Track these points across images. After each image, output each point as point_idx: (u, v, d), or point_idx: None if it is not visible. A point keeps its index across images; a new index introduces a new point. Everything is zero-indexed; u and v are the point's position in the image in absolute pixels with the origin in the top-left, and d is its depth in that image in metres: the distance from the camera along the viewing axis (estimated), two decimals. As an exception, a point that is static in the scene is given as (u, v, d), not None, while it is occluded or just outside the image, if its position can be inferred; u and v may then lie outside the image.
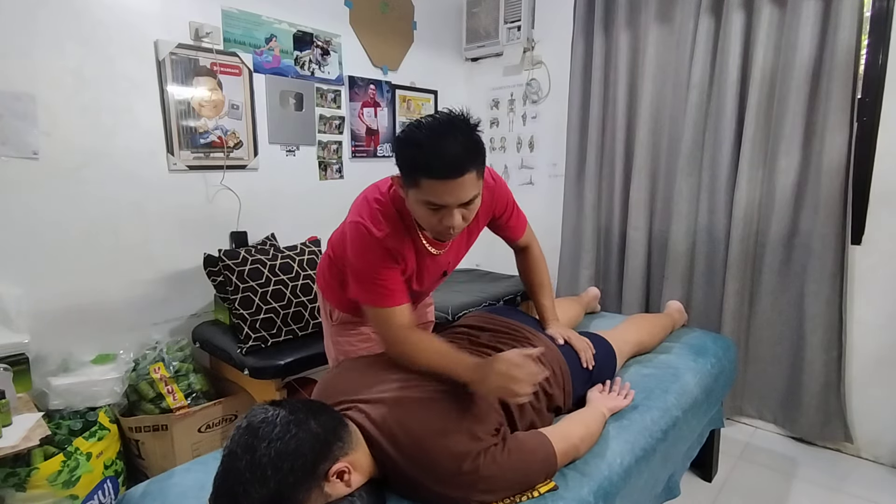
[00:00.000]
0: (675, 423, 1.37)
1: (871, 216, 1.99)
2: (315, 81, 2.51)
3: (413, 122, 1.08)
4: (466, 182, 1.04)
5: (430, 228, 1.14)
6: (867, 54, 1.93)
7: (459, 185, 1.04)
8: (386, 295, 1.18)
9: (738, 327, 2.24)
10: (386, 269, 1.18)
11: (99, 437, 1.65)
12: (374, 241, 1.16)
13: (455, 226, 1.09)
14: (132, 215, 1.98)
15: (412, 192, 1.08)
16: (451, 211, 1.07)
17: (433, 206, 1.07)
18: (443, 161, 1.01)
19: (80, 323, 1.87)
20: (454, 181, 1.03)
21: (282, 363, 1.82)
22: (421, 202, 1.07)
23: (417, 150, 1.03)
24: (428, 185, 1.04)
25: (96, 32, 1.83)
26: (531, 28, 2.91)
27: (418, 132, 1.04)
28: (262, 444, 0.82)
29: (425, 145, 1.02)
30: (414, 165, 1.05)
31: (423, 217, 1.11)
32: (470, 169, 1.04)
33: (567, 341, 1.43)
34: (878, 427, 2.04)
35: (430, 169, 1.02)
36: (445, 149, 1.01)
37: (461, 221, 1.10)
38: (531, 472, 1.01)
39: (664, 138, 2.43)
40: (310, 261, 2.11)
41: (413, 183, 1.06)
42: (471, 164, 1.04)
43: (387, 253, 1.17)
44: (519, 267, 1.58)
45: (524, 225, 1.49)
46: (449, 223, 1.08)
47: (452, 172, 1.02)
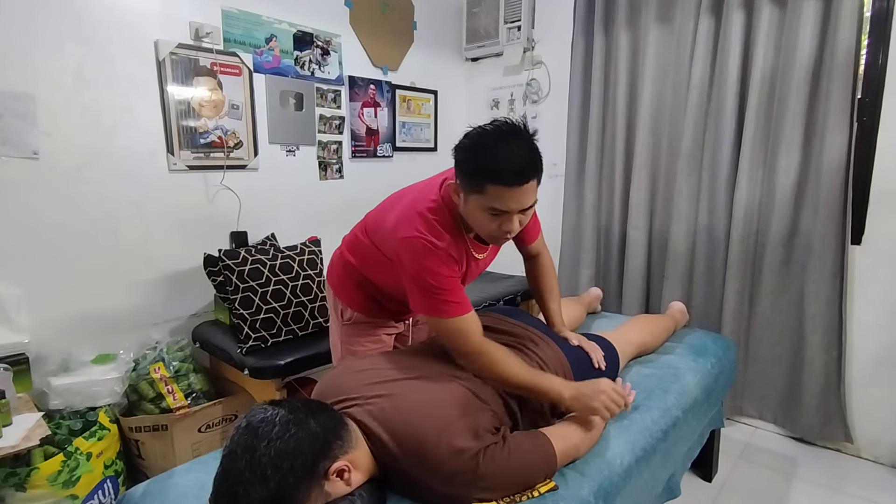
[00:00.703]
0: (676, 423, 1.37)
1: (871, 216, 1.99)
2: (315, 81, 2.51)
3: (476, 128, 1.10)
4: (529, 189, 1.07)
5: (487, 233, 1.16)
6: (867, 54, 1.93)
7: (523, 192, 1.06)
8: (457, 305, 1.17)
9: (738, 327, 2.24)
10: (451, 278, 1.17)
11: (99, 437, 1.65)
12: (440, 253, 1.15)
13: (513, 231, 1.12)
14: (132, 215, 1.98)
15: (474, 197, 1.09)
16: (511, 217, 1.10)
17: (495, 212, 1.09)
18: (511, 168, 1.03)
19: (80, 323, 1.87)
20: (519, 188, 1.05)
21: (282, 363, 1.82)
22: (483, 208, 1.09)
23: (485, 156, 1.05)
24: (494, 192, 1.05)
25: (96, 32, 1.83)
26: (531, 28, 2.91)
27: (485, 138, 1.07)
28: (262, 443, 0.82)
29: (494, 152, 1.05)
30: (481, 171, 1.06)
31: (482, 222, 1.12)
32: (533, 176, 1.07)
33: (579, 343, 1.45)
34: (878, 427, 2.04)
35: (499, 175, 1.04)
36: (512, 156, 1.04)
37: (518, 227, 1.13)
38: (531, 472, 1.01)
39: (664, 138, 2.43)
40: (310, 261, 2.11)
41: (477, 189, 1.07)
42: (534, 171, 1.07)
43: (451, 261, 1.17)
44: (528, 272, 1.59)
45: (538, 230, 1.50)
46: (508, 228, 1.11)
47: (519, 179, 1.04)
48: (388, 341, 1.52)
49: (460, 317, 1.16)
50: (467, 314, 1.17)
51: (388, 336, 1.52)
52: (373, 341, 1.47)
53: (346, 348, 1.50)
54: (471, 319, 1.18)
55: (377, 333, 1.47)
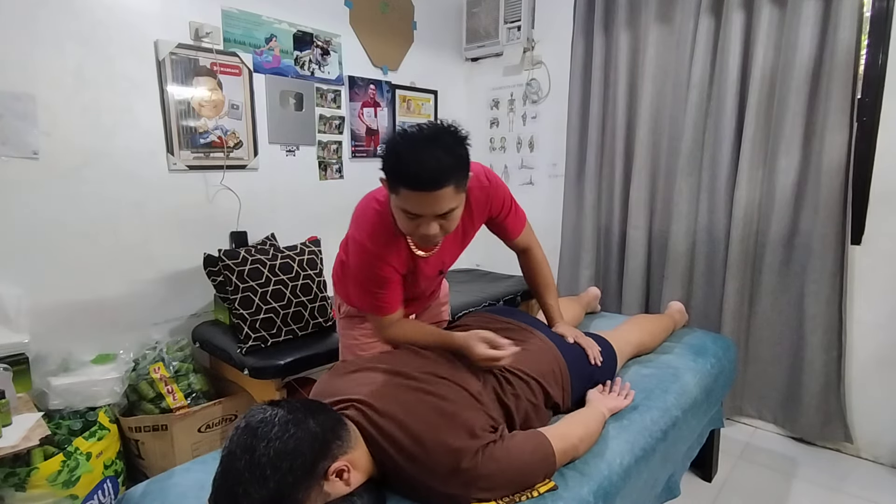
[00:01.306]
0: (675, 423, 1.37)
1: (871, 216, 1.99)
2: (315, 81, 2.51)
3: (399, 130, 1.10)
4: (443, 195, 1.06)
5: (409, 234, 1.19)
6: (867, 54, 1.93)
7: (435, 198, 1.05)
8: (383, 307, 1.29)
9: (737, 327, 2.24)
10: (385, 282, 1.24)
11: (99, 437, 1.65)
12: (373, 257, 1.21)
13: (431, 234, 1.12)
14: (132, 215, 1.98)
15: (392, 197, 1.12)
16: (427, 221, 1.10)
17: (410, 215, 1.10)
18: (419, 173, 1.03)
19: (79, 323, 1.87)
20: (430, 193, 1.05)
21: (281, 363, 1.82)
22: (400, 209, 1.11)
23: (396, 159, 1.06)
24: (405, 195, 1.07)
25: (96, 32, 1.83)
26: (531, 28, 2.91)
27: (401, 141, 1.07)
28: (261, 443, 0.82)
29: (404, 156, 1.05)
30: (393, 172, 1.07)
31: (402, 222, 1.15)
32: (447, 183, 1.05)
33: (575, 340, 1.45)
34: (878, 427, 2.04)
35: (407, 179, 1.05)
36: (423, 161, 1.03)
37: (438, 231, 1.12)
38: (530, 471, 1.01)
39: (664, 138, 2.43)
40: (310, 261, 2.11)
41: (393, 189, 1.10)
42: (449, 178, 1.05)
43: (384, 264, 1.22)
44: (522, 268, 1.59)
45: (522, 224, 1.48)
46: (425, 231, 1.11)
47: (428, 185, 1.04)
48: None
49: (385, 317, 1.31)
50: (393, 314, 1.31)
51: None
52: (364, 334, 1.51)
53: (343, 341, 1.57)
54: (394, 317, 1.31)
55: (367, 326, 1.50)
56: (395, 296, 1.29)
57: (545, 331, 1.45)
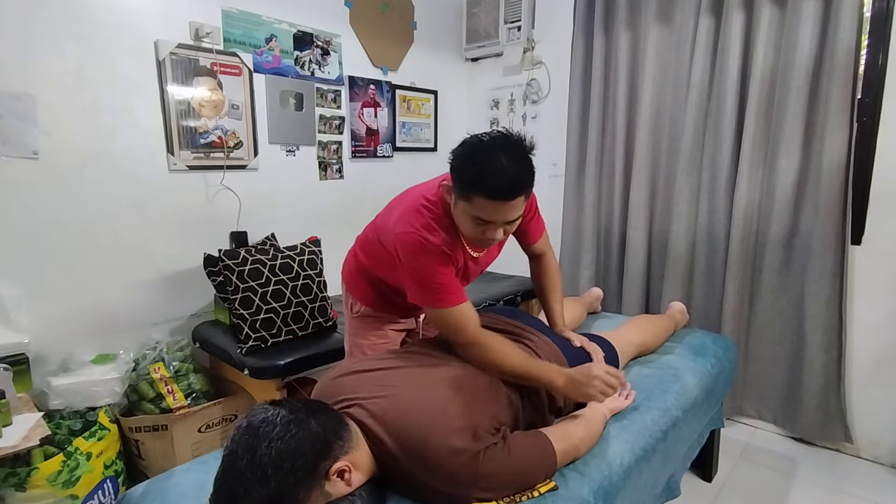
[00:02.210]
0: (675, 423, 1.37)
1: (871, 216, 1.99)
2: (315, 81, 2.51)
3: (473, 137, 1.12)
4: (516, 205, 1.10)
5: (472, 237, 1.20)
6: (867, 54, 1.93)
7: (509, 207, 1.09)
8: (450, 294, 1.21)
9: (738, 327, 2.24)
10: (445, 271, 1.22)
11: (99, 437, 1.65)
12: (433, 248, 1.19)
13: (496, 239, 1.16)
14: (132, 215, 1.98)
15: (462, 203, 1.13)
16: (495, 227, 1.13)
17: (480, 221, 1.12)
18: (498, 183, 1.06)
19: (80, 323, 1.87)
20: (504, 203, 1.08)
21: (282, 363, 1.82)
22: (469, 215, 1.13)
23: (475, 168, 1.08)
24: (480, 203, 1.09)
25: (96, 32, 1.83)
26: (531, 28, 2.91)
27: (478, 150, 1.09)
28: (263, 443, 0.82)
29: (484, 165, 1.07)
30: (470, 182, 1.09)
31: (468, 227, 1.16)
32: (521, 192, 1.09)
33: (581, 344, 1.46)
34: (878, 427, 2.04)
35: (485, 189, 1.07)
36: (502, 172, 1.06)
37: (502, 236, 1.16)
38: (531, 472, 1.01)
39: (664, 138, 2.43)
40: (310, 261, 2.11)
41: (465, 197, 1.11)
42: (522, 188, 1.09)
43: (445, 256, 1.21)
44: (532, 272, 1.60)
45: (542, 230, 1.52)
46: (491, 236, 1.15)
47: (505, 195, 1.07)
48: (393, 337, 1.54)
49: (455, 306, 1.20)
50: (462, 304, 1.21)
51: (394, 332, 1.54)
52: (378, 336, 1.51)
53: (353, 340, 1.56)
54: (466, 309, 1.21)
55: (383, 328, 1.51)
56: (459, 286, 1.26)
57: (548, 333, 1.45)
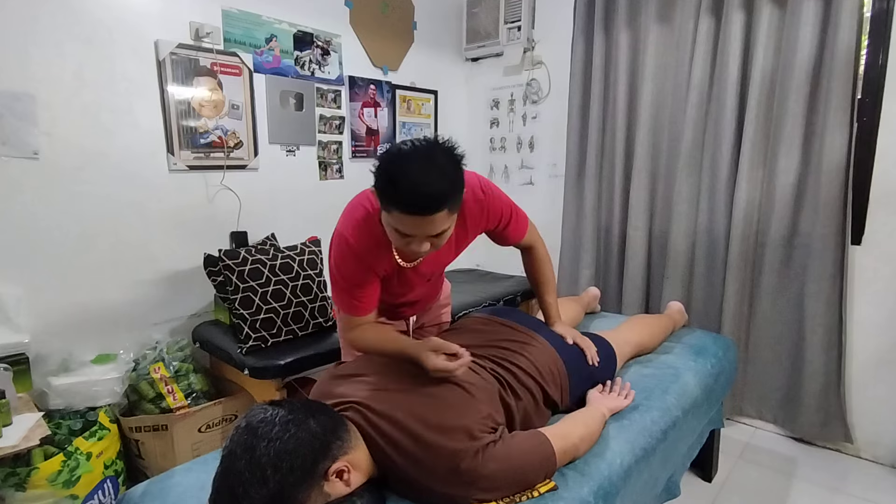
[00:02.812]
0: (675, 423, 1.37)
1: (871, 216, 1.99)
2: (315, 81, 2.51)
3: (394, 148, 1.05)
4: (436, 219, 1.03)
5: (399, 249, 1.19)
6: (867, 55, 1.93)
7: (428, 222, 1.03)
8: (358, 307, 1.27)
9: (738, 327, 2.24)
10: (362, 282, 1.24)
11: (99, 437, 1.65)
12: (353, 254, 1.20)
13: (422, 252, 1.11)
14: (132, 215, 1.98)
15: (383, 213, 1.09)
16: (419, 240, 1.08)
17: (402, 234, 1.07)
18: (413, 198, 1.00)
19: (80, 323, 1.87)
20: (423, 218, 1.02)
21: (282, 363, 1.82)
22: (390, 226, 1.09)
23: (390, 182, 1.01)
24: (397, 216, 1.03)
25: (96, 32, 1.83)
26: (531, 28, 2.91)
27: (395, 164, 1.02)
28: (262, 443, 0.82)
29: (398, 179, 1.00)
30: (385, 194, 1.03)
31: (393, 238, 1.12)
32: (441, 208, 1.01)
33: (574, 340, 1.45)
34: (878, 427, 2.04)
35: (400, 203, 1.01)
36: (418, 187, 0.99)
37: (429, 248, 1.10)
38: (530, 472, 1.01)
39: (664, 138, 2.43)
40: (310, 261, 2.11)
41: (385, 208, 1.06)
42: (442, 203, 1.01)
43: (364, 266, 1.21)
44: (525, 265, 1.59)
45: (524, 228, 1.46)
46: (416, 249, 1.09)
47: (422, 210, 1.01)
48: None
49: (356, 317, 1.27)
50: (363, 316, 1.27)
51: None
52: None
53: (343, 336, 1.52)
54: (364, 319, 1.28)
55: None
56: (371, 298, 1.27)
57: (543, 331, 1.45)
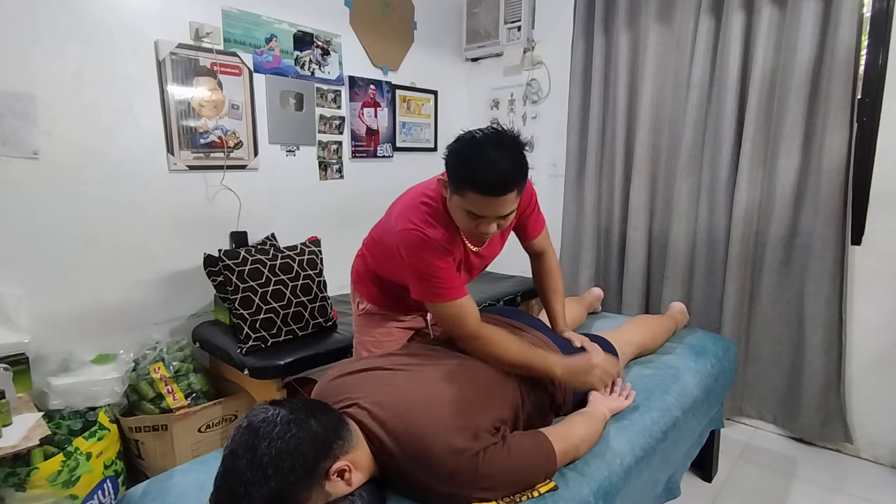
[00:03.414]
0: (675, 423, 1.37)
1: (871, 216, 1.99)
2: (315, 81, 2.51)
3: (465, 134, 1.15)
4: (507, 200, 1.12)
5: (467, 231, 1.23)
6: (867, 55, 1.93)
7: (500, 202, 1.11)
8: (449, 289, 1.24)
9: (738, 327, 2.24)
10: (444, 266, 1.24)
11: (99, 437, 1.65)
12: (431, 243, 1.22)
13: (490, 233, 1.18)
14: (132, 215, 1.98)
15: (456, 198, 1.16)
16: (488, 221, 1.16)
17: (473, 216, 1.15)
18: (488, 179, 1.08)
19: (80, 323, 1.87)
20: (496, 198, 1.10)
21: (282, 363, 1.82)
22: (463, 209, 1.15)
23: (467, 164, 1.10)
24: (472, 198, 1.11)
25: (96, 32, 1.83)
26: (531, 28, 2.91)
27: (470, 147, 1.12)
28: (263, 443, 0.82)
29: (476, 161, 1.09)
30: (462, 177, 1.12)
31: (463, 221, 1.19)
32: (513, 188, 1.11)
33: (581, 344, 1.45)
34: (878, 427, 2.04)
35: (476, 184, 1.09)
36: (492, 168, 1.08)
37: (496, 230, 1.18)
38: (531, 472, 1.01)
39: (664, 139, 2.44)
40: (310, 261, 2.11)
41: (458, 192, 1.13)
42: (514, 183, 1.11)
43: (443, 251, 1.24)
44: (534, 271, 1.60)
45: (542, 226, 1.52)
46: (485, 230, 1.17)
47: (496, 191, 1.09)
48: (397, 335, 1.55)
49: (455, 300, 1.23)
50: (461, 298, 1.24)
51: (398, 330, 1.55)
52: (382, 333, 1.53)
53: (358, 338, 1.59)
54: (465, 303, 1.24)
55: (387, 325, 1.53)
56: (459, 280, 1.28)
57: (548, 333, 1.45)
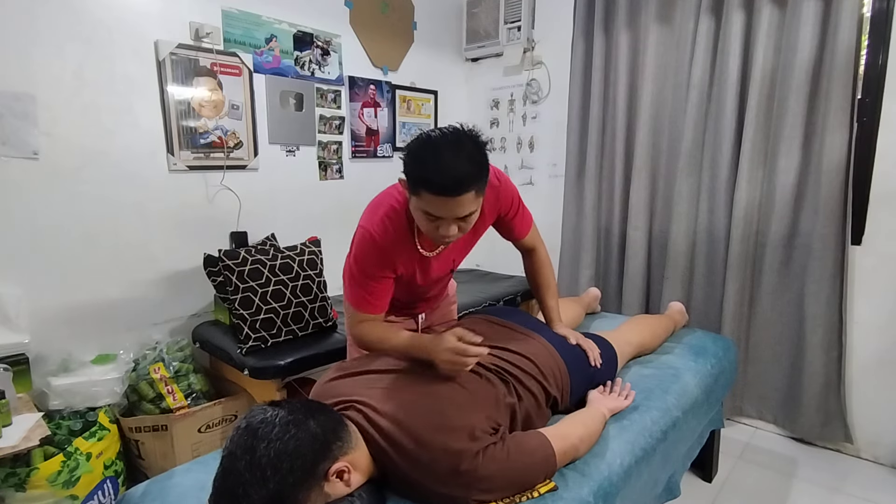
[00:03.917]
0: (675, 423, 1.37)
1: (871, 216, 1.99)
2: (315, 81, 2.51)
3: (423, 134, 1.13)
4: (464, 200, 1.09)
5: (428, 234, 1.21)
6: (867, 55, 1.93)
7: (457, 203, 1.09)
8: (371, 304, 1.30)
9: (738, 327, 2.24)
10: (378, 278, 1.27)
11: (99, 438, 1.65)
12: (376, 248, 1.23)
13: (450, 235, 1.15)
14: (132, 215, 1.98)
15: (413, 199, 1.14)
16: (447, 223, 1.13)
17: (431, 217, 1.13)
18: (443, 180, 1.06)
19: (80, 323, 1.87)
20: (452, 199, 1.08)
21: (282, 363, 1.82)
22: (420, 210, 1.14)
23: (421, 165, 1.09)
24: (427, 198, 1.09)
25: (96, 32, 1.83)
26: (531, 28, 2.91)
27: (425, 147, 1.10)
28: (262, 444, 0.82)
29: (429, 162, 1.07)
30: (416, 178, 1.10)
31: (422, 223, 1.18)
32: (469, 189, 1.08)
33: (577, 342, 1.46)
34: (878, 427, 2.04)
35: (430, 185, 1.07)
36: (447, 168, 1.06)
37: (457, 232, 1.16)
38: (530, 472, 1.01)
39: (664, 138, 2.43)
40: (310, 261, 2.11)
41: (415, 192, 1.12)
42: (470, 184, 1.08)
43: (385, 260, 1.24)
44: (525, 268, 1.60)
45: (529, 224, 1.51)
46: (445, 233, 1.15)
47: (451, 191, 1.07)
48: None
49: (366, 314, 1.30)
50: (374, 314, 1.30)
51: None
52: None
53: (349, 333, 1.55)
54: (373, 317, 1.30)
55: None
56: (383, 296, 1.31)
57: (545, 332, 1.45)
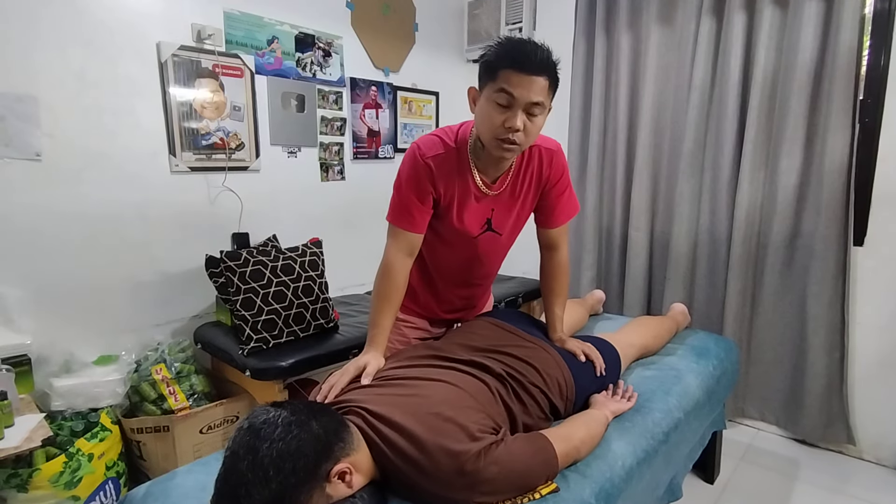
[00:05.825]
0: (677, 424, 1.37)
1: (873, 217, 1.98)
2: (317, 83, 2.51)
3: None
4: (539, 83, 1.12)
5: (492, 131, 1.17)
6: (869, 56, 1.93)
7: (533, 83, 1.12)
8: (405, 217, 1.30)
9: (739, 329, 2.24)
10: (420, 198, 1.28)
11: (101, 438, 1.65)
12: (421, 162, 1.27)
13: (515, 127, 1.14)
14: (134, 217, 1.98)
15: (486, 89, 1.16)
16: (515, 112, 1.13)
17: (502, 103, 1.13)
18: (523, 55, 1.11)
19: (82, 324, 1.87)
20: (529, 77, 1.11)
21: (283, 364, 1.82)
22: (490, 100, 1.15)
23: (506, 45, 1.15)
24: (506, 76, 1.12)
25: (99, 34, 1.83)
26: (532, 29, 2.91)
27: (510, 39, 1.17)
28: (264, 444, 0.82)
29: (513, 42, 1.15)
30: (500, 56, 1.14)
31: (488, 117, 1.17)
32: (545, 73, 1.12)
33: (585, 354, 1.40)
34: (881, 429, 2.03)
35: (511, 59, 1.12)
36: (528, 48, 1.12)
37: (521, 126, 1.14)
38: (532, 474, 1.01)
39: (666, 140, 2.43)
40: (311, 262, 2.11)
41: (491, 76, 1.14)
42: (547, 70, 1.13)
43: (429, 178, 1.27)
44: (542, 268, 1.52)
45: (572, 212, 1.46)
46: (511, 124, 1.14)
47: (531, 67, 1.11)
48: (407, 333, 1.51)
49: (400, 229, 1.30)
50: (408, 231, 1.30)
51: (409, 328, 1.52)
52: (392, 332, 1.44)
53: None
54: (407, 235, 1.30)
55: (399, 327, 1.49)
56: (422, 217, 1.30)
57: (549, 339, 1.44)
